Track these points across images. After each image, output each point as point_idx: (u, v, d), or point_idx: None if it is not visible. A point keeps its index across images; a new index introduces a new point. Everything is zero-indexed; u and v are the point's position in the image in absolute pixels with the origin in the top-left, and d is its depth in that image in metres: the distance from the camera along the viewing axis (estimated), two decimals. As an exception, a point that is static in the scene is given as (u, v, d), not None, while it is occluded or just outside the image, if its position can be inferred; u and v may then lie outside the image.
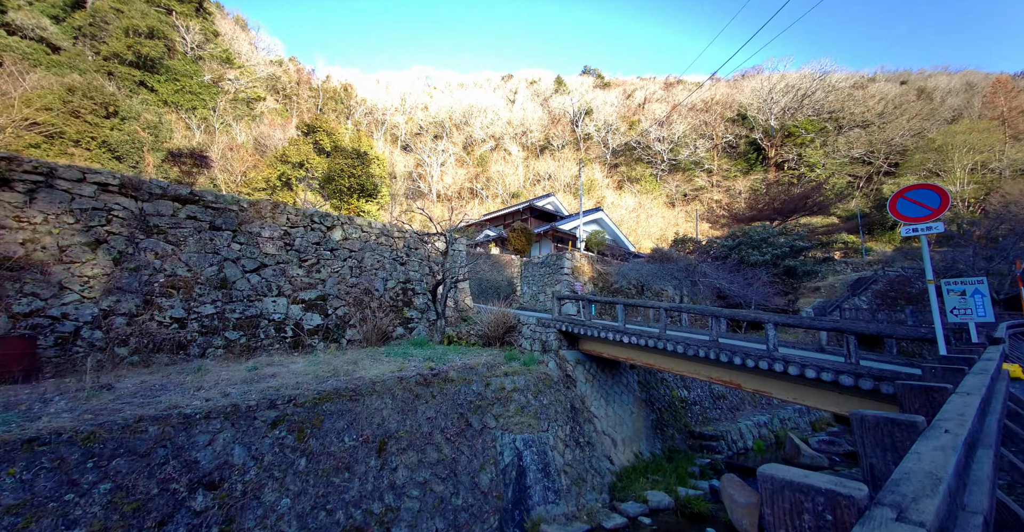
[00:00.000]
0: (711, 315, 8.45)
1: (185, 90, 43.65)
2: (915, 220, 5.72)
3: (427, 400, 8.25)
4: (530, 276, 18.74)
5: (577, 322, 10.71)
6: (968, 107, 61.86)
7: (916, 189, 5.75)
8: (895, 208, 5.93)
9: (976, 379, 2.80)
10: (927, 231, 5.60)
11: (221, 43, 49.21)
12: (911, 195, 5.78)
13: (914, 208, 5.74)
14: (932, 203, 5.60)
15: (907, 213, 5.80)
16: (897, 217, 5.88)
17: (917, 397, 2.54)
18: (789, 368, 7.12)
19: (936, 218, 5.56)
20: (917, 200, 5.73)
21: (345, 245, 11.20)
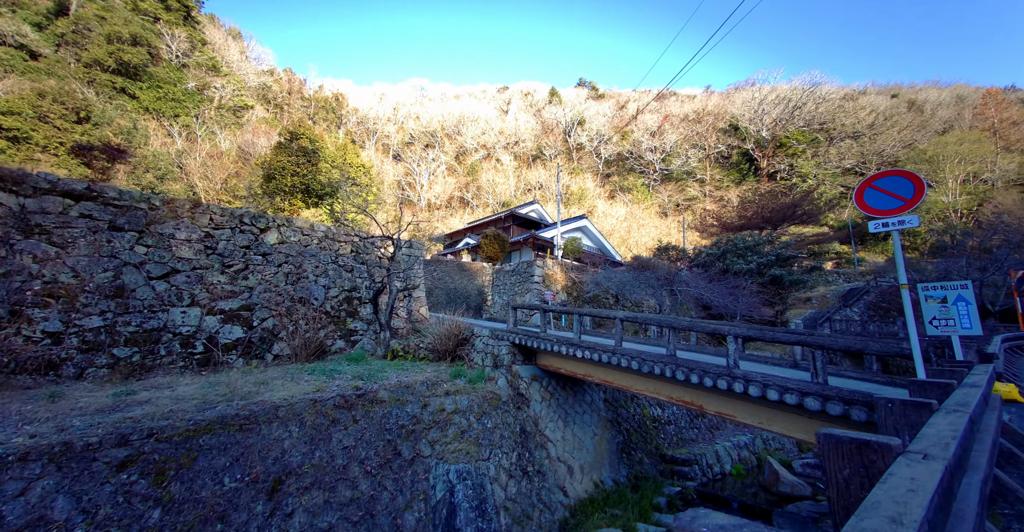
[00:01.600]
0: (668, 326, 7.48)
1: (168, 97, 43.28)
2: (885, 213, 4.82)
3: (346, 426, 7.19)
4: (502, 285, 17.79)
5: (531, 334, 9.71)
6: (959, 119, 62.11)
7: (886, 176, 4.87)
8: (862, 199, 5.04)
9: (943, 424, 1.85)
10: (899, 226, 4.70)
11: (208, 51, 49.11)
12: (881, 184, 4.90)
13: (884, 199, 4.85)
14: (905, 193, 4.71)
15: (876, 205, 4.90)
16: (864, 210, 4.99)
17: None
18: (750, 388, 6.13)
19: (910, 210, 4.65)
20: (887, 190, 4.84)
21: (281, 249, 10.25)
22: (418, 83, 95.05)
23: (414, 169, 63.07)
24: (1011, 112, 57.52)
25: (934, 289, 4.62)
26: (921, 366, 4.45)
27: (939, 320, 4.56)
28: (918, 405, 2.21)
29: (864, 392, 5.18)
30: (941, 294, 4.55)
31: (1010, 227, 32.29)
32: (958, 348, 4.53)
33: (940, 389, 2.90)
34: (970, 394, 2.62)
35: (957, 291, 4.43)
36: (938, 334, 4.59)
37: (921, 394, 2.99)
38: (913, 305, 6.22)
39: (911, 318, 4.48)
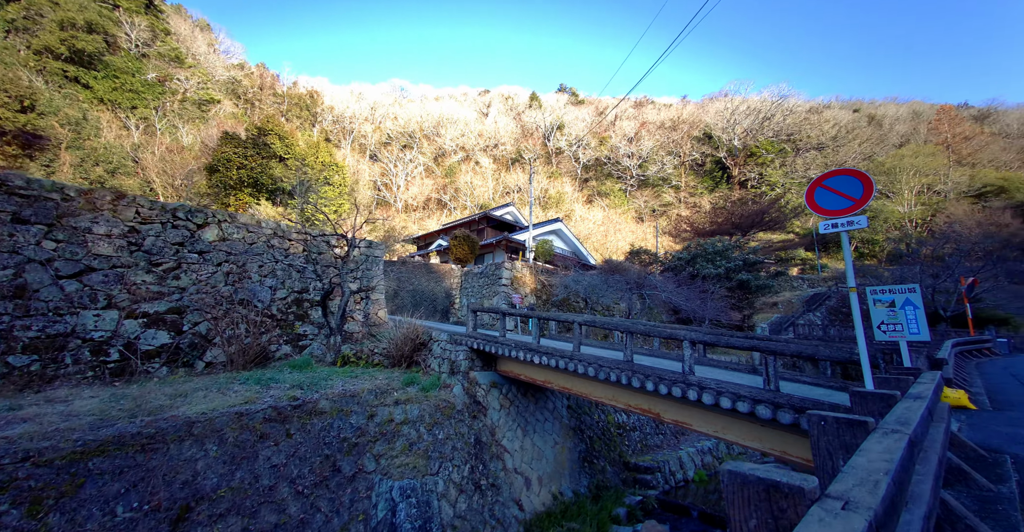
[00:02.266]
0: (626, 331, 7.20)
1: (125, 88, 40.96)
2: (835, 213, 4.64)
3: (277, 442, 6.55)
4: (470, 287, 17.30)
5: (490, 339, 9.27)
6: (915, 133, 65.74)
7: (836, 176, 4.70)
8: (812, 199, 4.85)
9: (877, 451, 1.53)
10: (848, 227, 4.52)
11: (171, 41, 46.88)
12: (831, 183, 4.72)
13: (834, 199, 4.67)
14: (854, 192, 4.54)
15: (826, 205, 4.72)
16: (815, 210, 4.80)
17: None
18: (703, 396, 5.88)
19: (858, 210, 4.48)
20: (837, 189, 4.67)
21: (222, 247, 9.48)
22: (398, 84, 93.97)
23: (390, 169, 61.90)
24: (963, 128, 61.27)
25: (882, 293, 4.46)
26: (868, 374, 4.25)
27: (887, 325, 4.39)
28: (853, 424, 1.91)
29: (815, 400, 4.98)
30: (889, 298, 4.38)
31: (961, 236, 34.13)
32: (906, 354, 4.37)
33: (882, 402, 2.64)
34: (913, 408, 2.34)
35: (905, 295, 4.27)
36: (886, 339, 4.42)
37: (861, 407, 2.72)
38: (867, 311, 6.11)
39: (859, 323, 4.29)
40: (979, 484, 2.85)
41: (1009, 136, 64.66)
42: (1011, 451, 3.92)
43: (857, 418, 1.93)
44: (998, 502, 2.52)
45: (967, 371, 10.14)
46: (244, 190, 21.98)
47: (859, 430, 1.90)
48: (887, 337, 4.41)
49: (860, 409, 2.75)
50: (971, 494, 2.73)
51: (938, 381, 3.61)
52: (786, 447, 5.64)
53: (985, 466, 3.41)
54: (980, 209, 43.55)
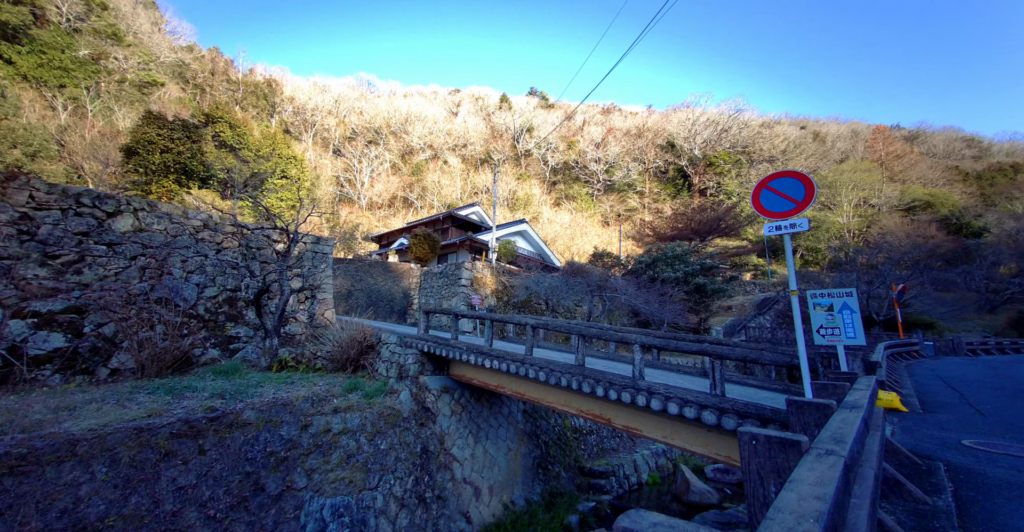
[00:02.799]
0: (578, 334, 6.97)
1: (52, 65, 37.05)
2: (779, 215, 4.58)
3: (185, 460, 5.78)
4: (429, 288, 16.69)
5: (441, 342, 8.80)
6: (853, 150, 71.28)
7: (780, 177, 4.65)
8: (758, 201, 4.79)
9: (810, 482, 1.27)
10: (791, 229, 4.47)
11: (108, 17, 42.94)
12: (776, 185, 4.67)
13: (778, 201, 4.62)
14: (796, 194, 4.50)
15: (771, 207, 4.67)
16: (760, 212, 4.74)
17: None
18: (652, 401, 5.73)
19: (800, 212, 4.43)
20: (781, 191, 4.62)
21: (138, 239, 8.44)
22: (365, 78, 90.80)
23: (354, 165, 59.69)
24: (895, 147, 67.14)
25: (822, 297, 4.44)
26: (808, 380, 4.21)
27: (826, 329, 4.38)
28: (785, 445, 1.68)
29: (758, 404, 4.93)
30: (828, 302, 4.37)
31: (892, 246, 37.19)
32: (843, 358, 4.37)
33: (818, 412, 2.48)
34: (849, 421, 2.17)
35: (843, 299, 4.26)
36: (825, 343, 4.40)
37: (798, 418, 2.55)
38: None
39: (799, 327, 4.24)
40: (915, 497, 2.77)
41: (935, 156, 71.64)
42: (943, 458, 3.96)
43: (790, 438, 1.71)
44: (935, 517, 2.41)
45: (898, 373, 10.75)
46: (169, 177, 19.77)
47: (792, 451, 1.67)
48: (826, 341, 4.40)
49: (797, 420, 2.58)
50: (907, 508, 2.63)
51: (873, 387, 3.57)
52: (731, 453, 5.59)
53: (920, 475, 3.39)
54: (909, 222, 47.69)
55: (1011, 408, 6.77)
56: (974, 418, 6.00)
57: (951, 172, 63.94)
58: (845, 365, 4.37)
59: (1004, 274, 37.53)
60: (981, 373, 11.57)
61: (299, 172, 42.46)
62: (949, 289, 38.38)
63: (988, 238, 44.53)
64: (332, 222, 50.80)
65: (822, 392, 3.43)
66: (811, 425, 2.55)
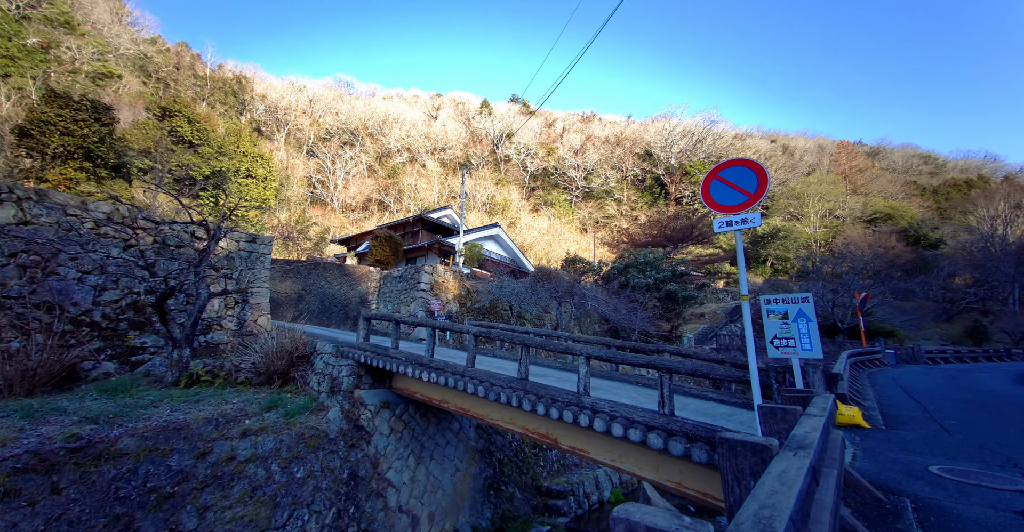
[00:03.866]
0: (521, 344, 6.27)
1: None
2: (730, 209, 4.02)
3: (32, 501, 4.77)
4: (388, 292, 15.74)
5: (380, 351, 7.94)
6: (819, 164, 74.16)
7: (732, 166, 4.11)
8: (708, 194, 4.23)
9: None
10: (742, 225, 3.91)
11: (61, 4, 40.45)
12: (727, 175, 4.12)
13: (729, 193, 4.06)
14: (749, 186, 3.95)
15: (722, 200, 4.11)
16: (711, 206, 4.18)
17: None
18: (595, 421, 5.05)
19: (753, 206, 3.87)
20: (732, 182, 4.07)
21: (19, 232, 7.27)
22: (344, 79, 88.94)
23: (327, 166, 57.94)
24: (858, 161, 70.21)
25: (776, 303, 3.89)
26: (759, 397, 3.61)
27: (780, 339, 3.82)
28: None
29: (709, 427, 4.32)
30: (782, 308, 3.82)
31: (855, 256, 38.34)
32: (798, 374, 3.82)
33: (755, 456, 1.84)
34: (790, 474, 1.51)
35: (798, 305, 3.72)
36: (779, 356, 3.84)
37: (731, 463, 1.91)
38: None
39: (750, 338, 3.65)
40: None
41: (895, 171, 75.34)
42: (910, 491, 3.42)
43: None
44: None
45: (860, 382, 10.51)
46: (70, 163, 17.38)
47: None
48: (779, 353, 3.83)
49: (730, 467, 1.93)
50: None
51: (829, 411, 3.00)
52: (683, 479, 4.97)
53: (884, 518, 2.80)
54: (871, 233, 49.52)
55: (975, 423, 6.43)
56: (940, 436, 5.58)
57: (909, 186, 67.26)
58: (800, 381, 3.81)
59: (959, 284, 39.23)
60: (941, 383, 11.49)
61: (266, 171, 40.71)
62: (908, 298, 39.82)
63: (944, 250, 46.65)
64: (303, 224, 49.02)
65: (769, 419, 2.82)
66: (746, 474, 1.92)
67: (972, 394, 9.37)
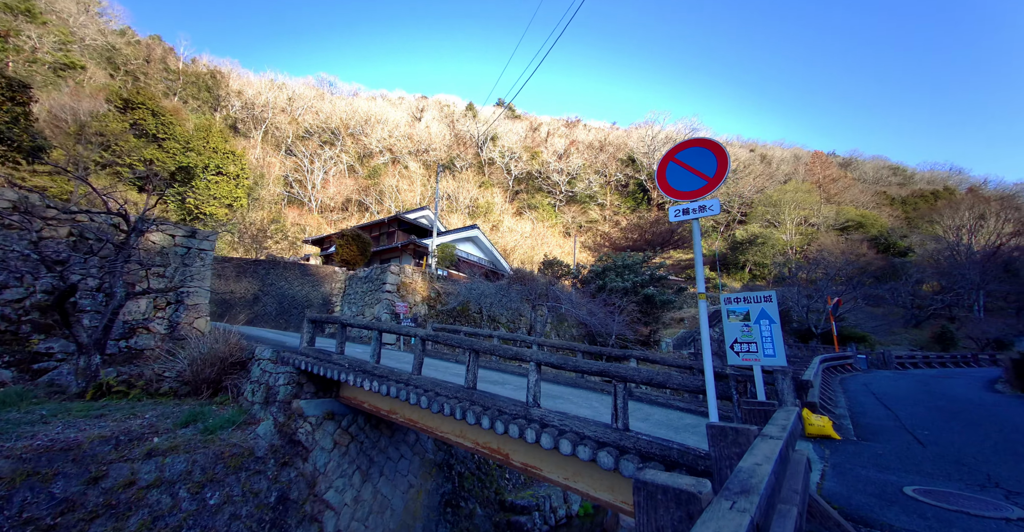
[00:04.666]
0: (469, 349, 5.67)
1: (-60, 34, 32.16)
2: (688, 195, 3.54)
3: None
4: (353, 294, 14.92)
5: (322, 358, 7.21)
6: (795, 173, 76.17)
7: (690, 147, 3.63)
8: (664, 178, 3.74)
9: None
10: (699, 213, 3.43)
11: (19, -13, 38.32)
12: (685, 157, 3.64)
13: (687, 178, 3.58)
14: (707, 169, 3.47)
15: (679, 185, 3.63)
16: (667, 192, 3.69)
17: None
18: (542, 437, 4.48)
19: (712, 191, 3.39)
20: (690, 165, 3.59)
21: (-100, 222, 6.30)
22: (326, 78, 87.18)
23: (305, 165, 56.40)
24: (831, 171, 72.39)
25: (736, 302, 3.41)
26: (714, 412, 3.10)
27: (741, 344, 3.32)
28: None
29: (664, 443, 3.79)
30: (744, 308, 3.34)
31: (829, 262, 39.14)
32: (760, 384, 3.34)
33: (680, 509, 1.30)
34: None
35: (760, 305, 3.24)
36: (740, 363, 3.35)
37: (650, 520, 1.35)
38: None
39: (706, 342, 3.15)
40: None
41: (866, 181, 77.99)
42: (884, 521, 2.95)
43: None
44: None
45: (832, 388, 10.26)
46: None
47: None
48: (740, 360, 3.35)
49: (647, 522, 1.38)
50: None
51: (791, 430, 2.51)
52: (639, 501, 4.46)
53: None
54: (844, 240, 50.83)
55: (949, 434, 6.12)
56: (913, 449, 5.21)
57: (879, 196, 69.66)
58: (762, 392, 3.33)
59: (927, 291, 40.41)
60: (912, 389, 11.36)
61: (238, 169, 39.21)
62: (879, 304, 40.82)
63: (913, 257, 48.17)
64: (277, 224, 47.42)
65: (719, 442, 2.30)
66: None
67: (943, 401, 9.19)
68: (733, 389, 3.45)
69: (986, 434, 6.10)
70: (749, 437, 2.23)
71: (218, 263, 14.85)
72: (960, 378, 14.30)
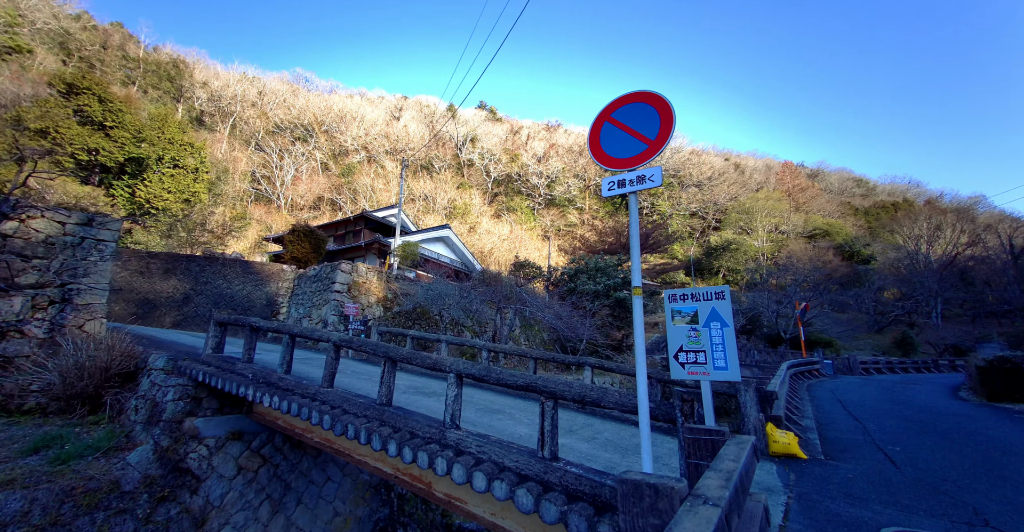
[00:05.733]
0: (384, 357, 4.75)
1: None
2: (625, 163, 2.75)
3: None
4: (302, 294, 13.69)
5: (224, 367, 6.11)
6: (767, 182, 78.44)
7: (629, 103, 2.84)
8: (597, 142, 2.95)
9: None
10: (638, 185, 2.66)
11: (-48, -40, 35.29)
12: (622, 115, 2.85)
13: (624, 142, 2.81)
14: (649, 130, 2.71)
15: (615, 151, 2.86)
16: (600, 160, 2.92)
17: None
18: (454, 468, 3.60)
19: (652, 157, 2.61)
20: (629, 126, 2.82)
21: None
22: (302, 74, 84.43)
23: (274, 161, 54.07)
24: (800, 181, 74.87)
25: (683, 299, 2.65)
26: (647, 450, 2.31)
27: (687, 354, 2.56)
28: None
29: (595, 479, 2.98)
30: (691, 308, 2.59)
31: (797, 269, 39.95)
32: (708, 405, 2.58)
33: None
34: None
35: (711, 303, 2.49)
36: (685, 377, 2.58)
37: None
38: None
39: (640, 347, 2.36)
40: None
41: (832, 192, 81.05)
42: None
43: None
44: None
45: (800, 396, 9.79)
46: None
47: None
48: (685, 373, 2.58)
49: None
50: None
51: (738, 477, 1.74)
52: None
53: None
54: (812, 247, 52.24)
55: (922, 450, 5.57)
56: (887, 472, 4.59)
57: (844, 206, 72.40)
58: (711, 415, 2.58)
59: (889, 298, 41.73)
60: (879, 397, 11.05)
61: (197, 162, 36.98)
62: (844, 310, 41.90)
63: (875, 265, 49.89)
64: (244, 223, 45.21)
65: (631, 508, 1.50)
66: None
67: (911, 410, 8.81)
68: (677, 410, 2.69)
69: (961, 451, 5.59)
70: (673, 502, 1.45)
71: (142, 258, 13.29)
72: (924, 385, 14.24)
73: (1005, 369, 10.04)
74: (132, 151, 33.73)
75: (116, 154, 32.47)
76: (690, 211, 67.68)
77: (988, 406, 9.53)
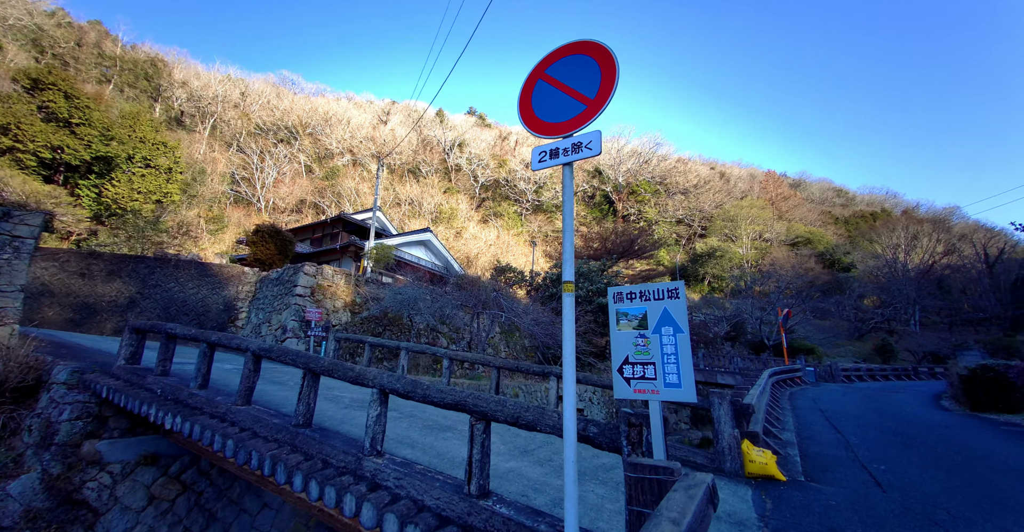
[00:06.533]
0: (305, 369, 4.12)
1: None
2: (559, 128, 2.19)
3: None
4: (264, 298, 12.81)
5: (133, 381, 5.35)
6: (751, 190, 79.75)
7: (567, 56, 2.29)
8: (528, 104, 2.38)
9: None
10: (575, 155, 2.10)
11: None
12: (557, 71, 2.30)
13: (560, 103, 2.28)
14: (588, 88, 2.19)
15: (548, 114, 2.34)
16: (531, 126, 2.35)
17: None
18: (364, 506, 2.95)
19: (591, 121, 2.04)
20: (565, 83, 2.25)
21: None
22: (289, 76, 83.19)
23: (255, 162, 52.75)
24: (783, 190, 76.34)
25: (629, 299, 2.10)
26: (572, 493, 1.72)
27: (634, 367, 1.99)
28: None
29: (527, 525, 2.37)
30: (640, 309, 2.05)
31: (780, 276, 40.22)
32: (657, 432, 2.00)
33: None
34: None
35: (662, 303, 1.95)
36: (631, 397, 2.01)
37: None
38: (715, 339, 3.78)
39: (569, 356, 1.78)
40: None
41: (813, 201, 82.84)
42: None
43: None
44: None
45: (781, 405, 9.33)
46: None
47: None
48: (631, 390, 2.01)
49: None
50: None
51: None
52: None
53: None
54: (794, 255, 52.90)
55: (910, 469, 5.09)
56: (873, 497, 4.08)
57: (825, 216, 73.95)
58: (660, 447, 2.01)
59: (869, 306, 42.25)
60: (861, 406, 10.68)
61: (171, 161, 35.68)
62: (825, 317, 42.26)
63: (855, 273, 50.67)
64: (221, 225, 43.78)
65: None
66: None
67: (895, 421, 8.41)
68: (623, 436, 2.13)
69: (950, 470, 5.13)
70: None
71: (83, 259, 12.26)
72: (905, 393, 14.00)
73: (988, 378, 9.76)
74: (100, 150, 32.44)
75: (82, 152, 31.18)
76: (676, 218, 68.20)
77: (972, 417, 9.21)
